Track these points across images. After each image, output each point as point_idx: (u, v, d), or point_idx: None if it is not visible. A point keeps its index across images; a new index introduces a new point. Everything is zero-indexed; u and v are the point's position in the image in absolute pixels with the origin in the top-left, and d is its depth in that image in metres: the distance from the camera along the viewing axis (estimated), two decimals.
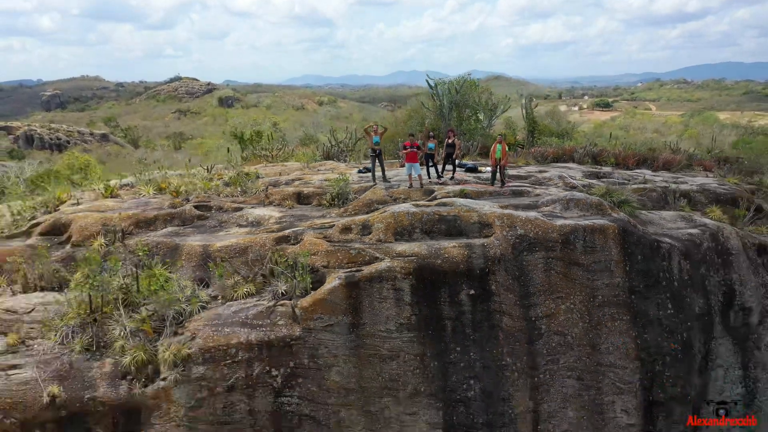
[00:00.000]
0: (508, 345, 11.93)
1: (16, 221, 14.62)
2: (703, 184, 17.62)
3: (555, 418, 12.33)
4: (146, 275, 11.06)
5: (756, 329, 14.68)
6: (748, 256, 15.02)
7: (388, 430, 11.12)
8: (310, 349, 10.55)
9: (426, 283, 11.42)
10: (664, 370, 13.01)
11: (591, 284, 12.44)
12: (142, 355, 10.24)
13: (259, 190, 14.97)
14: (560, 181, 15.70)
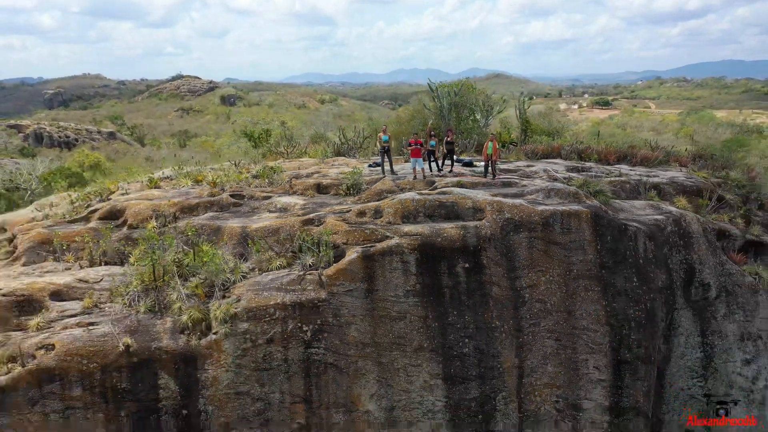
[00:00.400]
0: (497, 310, 14.29)
1: (75, 208, 16.95)
2: (673, 177, 19.97)
3: (536, 372, 14.70)
4: (197, 251, 13.41)
5: (713, 302, 17.02)
6: (707, 239, 17.36)
7: (396, 378, 13.49)
8: (333, 310, 12.91)
9: (428, 257, 13.78)
10: (630, 334, 15.36)
11: (567, 260, 14.80)
12: (197, 313, 12.60)
13: (284, 182, 17.35)
14: (545, 174, 18.06)
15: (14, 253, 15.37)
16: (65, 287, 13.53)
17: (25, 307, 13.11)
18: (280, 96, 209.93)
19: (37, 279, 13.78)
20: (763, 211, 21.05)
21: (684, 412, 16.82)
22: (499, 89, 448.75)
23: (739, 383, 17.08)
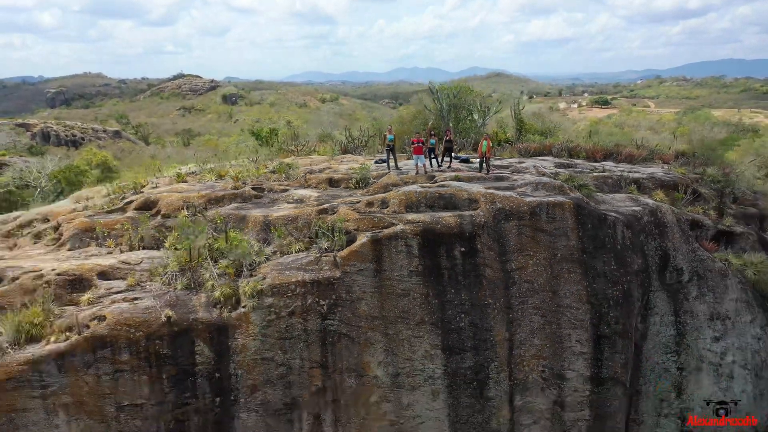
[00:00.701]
0: (489, 289, 16.20)
1: (112, 200, 18.85)
2: (652, 173, 21.88)
3: (525, 345, 16.62)
4: (226, 236, 15.32)
5: (686, 285, 18.93)
6: (681, 229, 19.28)
7: (401, 348, 15.41)
8: (346, 287, 14.82)
9: (429, 242, 15.69)
10: (609, 312, 17.27)
11: (552, 245, 16.71)
12: (227, 290, 14.52)
13: (300, 176, 19.25)
14: (534, 170, 19.96)
15: (60, 239, 17.29)
16: (110, 268, 15.44)
17: (76, 285, 15.03)
18: (281, 95, 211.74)
19: (84, 261, 15.69)
20: (736, 204, 23.00)
21: (659, 384, 18.74)
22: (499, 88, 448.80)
23: (708, 358, 18.99)
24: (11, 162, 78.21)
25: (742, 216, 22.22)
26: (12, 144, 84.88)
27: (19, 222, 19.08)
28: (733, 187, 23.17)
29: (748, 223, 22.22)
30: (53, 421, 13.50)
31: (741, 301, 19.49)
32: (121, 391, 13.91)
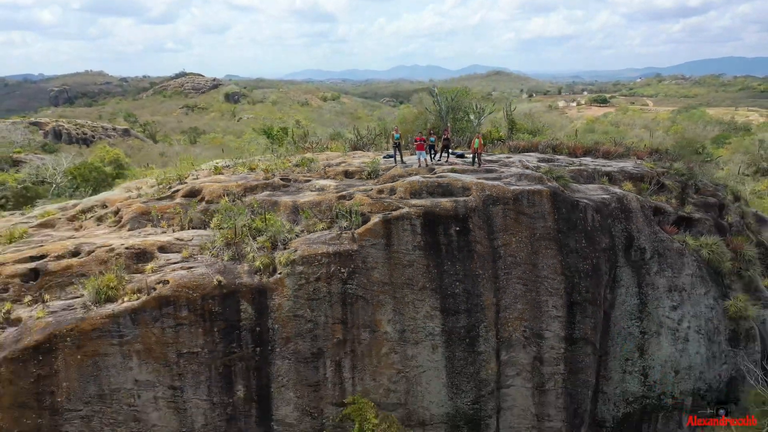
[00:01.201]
0: (479, 262, 19.63)
1: (160, 189, 22.25)
2: (623, 167, 25.31)
3: (509, 309, 20.05)
4: (263, 218, 18.75)
5: (648, 262, 22.36)
6: (644, 214, 22.71)
7: (406, 309, 18.84)
8: (362, 258, 18.25)
9: (429, 222, 19.12)
10: (580, 282, 20.71)
11: (532, 226, 20.15)
12: (266, 260, 17.94)
13: (319, 169, 22.68)
14: (519, 164, 23.38)
15: (120, 221, 20.72)
16: (167, 243, 18.88)
17: (140, 257, 18.48)
18: (283, 94, 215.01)
19: (145, 238, 19.14)
20: (698, 194, 26.41)
21: (624, 345, 22.15)
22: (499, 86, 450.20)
23: (667, 324, 22.43)
24: (27, 159, 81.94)
25: (703, 204, 25.64)
26: (27, 142, 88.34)
27: (80, 208, 22.51)
28: (696, 180, 26.57)
29: (708, 210, 25.63)
30: (128, 364, 16.94)
31: (696, 276, 22.94)
32: (181, 341, 17.34)
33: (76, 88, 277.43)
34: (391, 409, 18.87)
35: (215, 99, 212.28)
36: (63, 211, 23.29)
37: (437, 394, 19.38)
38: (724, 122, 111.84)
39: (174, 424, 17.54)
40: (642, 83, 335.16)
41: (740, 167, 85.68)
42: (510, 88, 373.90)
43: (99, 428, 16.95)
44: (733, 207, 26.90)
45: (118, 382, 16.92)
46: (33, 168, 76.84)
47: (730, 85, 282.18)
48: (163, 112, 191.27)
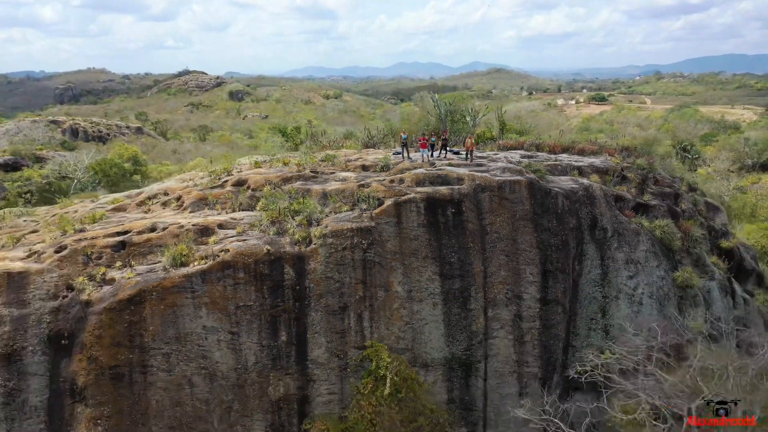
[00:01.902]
0: (470, 237, 24.86)
1: (212, 180, 27.45)
2: (592, 162, 30.53)
3: (495, 275, 25.28)
4: (301, 201, 23.97)
5: (609, 239, 27.57)
6: (606, 201, 27.93)
7: (413, 273, 24.06)
8: (378, 232, 23.48)
9: (431, 205, 24.33)
10: (552, 254, 25.93)
11: (513, 209, 25.36)
12: (303, 234, 23.17)
13: (341, 163, 27.90)
14: (504, 159, 28.60)
15: (182, 205, 25.95)
16: (224, 222, 24.11)
17: (203, 232, 23.70)
18: (286, 92, 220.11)
19: (206, 218, 24.37)
20: (656, 185, 31.62)
21: (589, 308, 27.33)
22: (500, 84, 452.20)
23: (625, 290, 27.65)
24: (49, 156, 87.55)
25: (659, 194, 30.88)
26: (47, 140, 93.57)
27: (145, 195, 27.73)
28: (655, 173, 31.78)
29: (664, 199, 30.87)
30: (198, 313, 22.16)
31: (649, 251, 28.18)
32: (238, 296, 22.57)
33: (80, 85, 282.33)
34: (401, 352, 24.12)
35: (219, 97, 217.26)
36: (129, 198, 28.51)
37: (437, 342, 24.64)
38: (714, 121, 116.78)
39: (232, 361, 22.78)
40: (641, 81, 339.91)
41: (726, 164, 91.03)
42: (510, 85, 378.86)
43: (176, 363, 22.19)
44: (687, 196, 32.13)
45: (191, 328, 22.16)
46: (56, 164, 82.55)
47: (727, 83, 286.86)
48: (168, 109, 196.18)
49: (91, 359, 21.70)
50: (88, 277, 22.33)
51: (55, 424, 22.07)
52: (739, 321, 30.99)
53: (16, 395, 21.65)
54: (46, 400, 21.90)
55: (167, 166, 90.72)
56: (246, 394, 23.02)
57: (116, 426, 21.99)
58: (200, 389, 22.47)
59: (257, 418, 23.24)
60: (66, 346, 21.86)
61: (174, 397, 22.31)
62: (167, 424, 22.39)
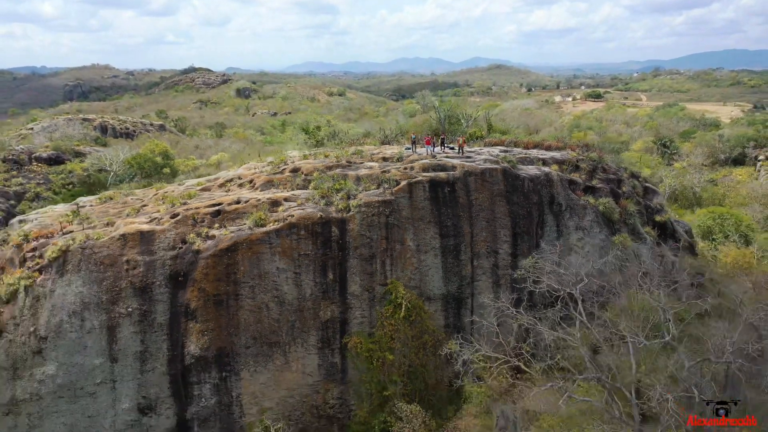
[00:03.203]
0: (461, 208, 35.60)
1: (274, 168, 38.08)
2: (553, 155, 41.21)
3: (478, 235, 36.02)
4: (343, 182, 34.68)
5: (563, 212, 38.28)
6: (561, 183, 38.62)
7: (420, 232, 34.80)
8: (396, 204, 34.23)
9: (433, 185, 35.07)
10: (519, 222, 36.65)
11: (491, 188, 36.10)
12: (344, 204, 33.90)
13: (367, 156, 38.53)
14: (487, 153, 39.27)
15: (254, 186, 36.63)
16: (288, 196, 34.82)
17: (274, 204, 34.38)
18: (292, 89, 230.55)
19: (275, 194, 35.04)
20: (604, 173, 42.26)
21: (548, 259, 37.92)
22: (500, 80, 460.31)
23: (574, 248, 38.25)
24: (86, 151, 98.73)
25: (605, 179, 41.53)
26: (83, 136, 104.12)
27: (223, 179, 38.37)
28: (603, 163, 42.42)
29: (609, 183, 41.52)
30: (273, 258, 32.83)
31: (594, 221, 38.87)
32: (300, 247, 33.23)
33: (89, 82, 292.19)
34: (411, 288, 34.82)
35: (226, 94, 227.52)
36: (209, 182, 39.17)
37: (437, 282, 35.36)
38: (694, 119, 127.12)
39: (295, 293, 33.44)
40: (637, 78, 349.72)
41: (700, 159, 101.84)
42: (510, 81, 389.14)
43: (258, 293, 32.88)
44: (628, 181, 42.82)
45: (268, 268, 32.83)
46: (94, 158, 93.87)
47: (722, 81, 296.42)
48: (177, 106, 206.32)
49: (200, 290, 32.37)
50: (196, 234, 32.98)
51: (173, 335, 32.76)
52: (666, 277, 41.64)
53: (148, 315, 32.28)
54: (168, 319, 32.53)
55: (193, 161, 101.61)
56: (304, 316, 33.74)
57: (216, 336, 32.71)
58: (274, 312, 33.19)
59: (312, 333, 33.95)
60: (182, 281, 32.50)
61: (256, 316, 33.02)
62: (251, 335, 33.10)
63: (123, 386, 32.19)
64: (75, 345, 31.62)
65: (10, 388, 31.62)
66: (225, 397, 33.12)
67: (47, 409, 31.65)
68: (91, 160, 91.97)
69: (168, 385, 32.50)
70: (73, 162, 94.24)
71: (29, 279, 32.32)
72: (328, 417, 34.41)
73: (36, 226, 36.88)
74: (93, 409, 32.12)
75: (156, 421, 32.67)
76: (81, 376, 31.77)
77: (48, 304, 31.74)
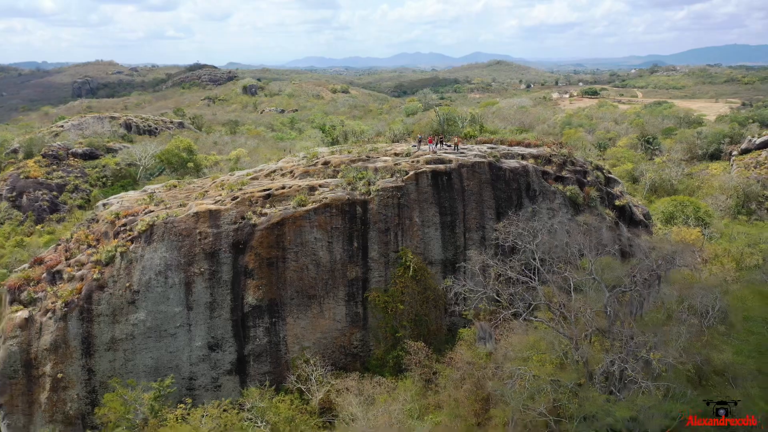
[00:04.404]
0: (456, 192, 46.54)
1: (308, 162, 48.86)
2: (531, 151, 52.01)
3: (469, 214, 46.94)
4: (362, 173, 45.51)
5: (537, 196, 49.18)
6: (536, 174, 49.51)
7: (424, 211, 45.72)
8: (406, 189, 45.14)
9: (434, 175, 45.98)
10: (501, 203, 47.58)
11: (480, 177, 47.01)
12: (366, 188, 44.78)
13: (382, 151, 49.28)
14: (477, 150, 50.04)
15: (294, 176, 47.43)
16: (322, 183, 45.68)
17: (312, 189, 45.23)
18: (297, 86, 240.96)
19: (311, 182, 45.85)
20: (572, 165, 53.06)
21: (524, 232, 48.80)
22: (500, 77, 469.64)
23: (543, 220, 49.08)
24: (117, 147, 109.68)
25: (573, 171, 52.32)
26: (112, 134, 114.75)
27: (268, 170, 49.13)
28: (572, 158, 53.20)
29: (576, 174, 52.29)
30: (312, 230, 43.69)
31: (562, 203, 49.68)
32: (332, 222, 44.07)
33: (96, 79, 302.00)
34: (417, 254, 45.64)
35: (233, 91, 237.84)
36: (256, 173, 49.92)
37: (437, 250, 46.21)
38: (679, 117, 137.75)
39: (328, 257, 44.24)
40: (635, 75, 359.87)
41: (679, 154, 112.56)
42: (510, 78, 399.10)
43: (300, 257, 43.69)
44: (592, 172, 53.56)
45: (308, 239, 43.65)
46: (125, 154, 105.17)
47: (717, 77, 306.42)
48: (186, 103, 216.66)
49: (256, 254, 43.15)
50: (252, 212, 43.74)
51: (235, 289, 43.54)
52: (624, 252, 52.43)
53: (216, 274, 43.04)
54: (231, 277, 43.31)
55: (214, 156, 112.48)
56: (335, 276, 44.54)
57: (268, 290, 43.50)
58: (312, 272, 44.01)
59: (340, 289, 44.76)
60: (241, 248, 43.28)
61: (298, 275, 43.82)
62: (295, 289, 43.90)
63: (196, 329, 42.92)
64: (160, 297, 42.30)
65: (110, 330, 42.35)
66: (274, 338, 43.92)
67: (138, 346, 42.33)
68: (122, 155, 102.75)
69: (231, 328, 43.27)
70: (105, 157, 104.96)
71: (123, 247, 43.07)
72: (352, 354, 45.25)
73: (121, 207, 47.72)
74: (173, 346, 42.81)
75: (221, 356, 43.45)
76: (164, 320, 42.45)
77: (139, 265, 42.45)
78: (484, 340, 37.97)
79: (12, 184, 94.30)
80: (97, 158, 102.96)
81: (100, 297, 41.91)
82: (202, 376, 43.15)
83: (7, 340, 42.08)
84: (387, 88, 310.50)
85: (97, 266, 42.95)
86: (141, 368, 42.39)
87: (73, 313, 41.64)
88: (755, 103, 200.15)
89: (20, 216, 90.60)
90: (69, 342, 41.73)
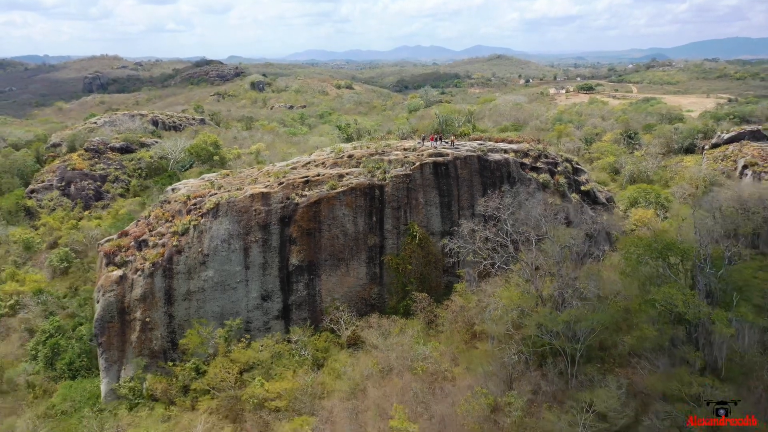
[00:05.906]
0: (452, 179, 61.09)
1: (336, 155, 63.22)
2: (512, 147, 66.48)
3: (462, 196, 61.49)
4: (378, 164, 59.97)
5: (517, 183, 63.69)
6: (516, 165, 64.07)
7: (428, 193, 60.31)
8: (413, 176, 59.69)
9: (436, 165, 60.54)
10: (488, 188, 62.05)
11: (470, 167, 61.56)
12: (383, 175, 59.29)
13: (394, 146, 63.55)
14: (468, 145, 64.38)
15: (326, 166, 61.91)
16: (348, 172, 60.18)
17: (341, 177, 59.70)
18: (304, 83, 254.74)
19: (341, 171, 60.24)
20: (546, 158, 67.47)
21: (507, 210, 63.28)
22: (500, 71, 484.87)
23: (524, 205, 63.48)
24: (148, 142, 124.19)
25: (546, 162, 66.73)
26: (143, 129, 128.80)
27: (303, 162, 63.53)
28: (546, 152, 67.56)
29: (548, 165, 66.68)
30: (341, 207, 58.22)
31: (536, 188, 64.09)
32: (356, 201, 58.60)
33: (105, 74, 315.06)
34: (422, 226, 60.10)
35: (241, 87, 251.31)
36: (294, 164, 64.30)
37: (437, 223, 60.74)
38: (661, 113, 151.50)
39: (353, 228, 58.75)
40: (632, 70, 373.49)
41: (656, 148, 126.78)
42: (510, 72, 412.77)
43: (332, 228, 58.20)
44: (562, 164, 67.93)
45: (338, 214, 58.18)
46: (158, 148, 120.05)
47: (710, 72, 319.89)
48: (196, 99, 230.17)
49: (298, 227, 57.64)
50: (295, 193, 58.13)
51: (282, 253, 58.04)
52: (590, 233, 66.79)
53: (267, 242, 57.58)
54: (279, 244, 57.82)
55: (237, 150, 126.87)
56: (358, 243, 59.01)
57: (307, 254, 57.99)
58: (341, 240, 58.48)
59: (362, 253, 59.24)
60: (287, 222, 57.77)
61: (331, 242, 58.27)
62: (328, 253, 58.37)
63: (252, 284, 57.42)
64: (224, 259, 56.75)
65: (186, 285, 56.80)
66: (311, 291, 58.43)
67: (208, 297, 56.83)
68: (155, 149, 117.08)
69: (278, 284, 57.78)
70: (140, 151, 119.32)
71: (195, 221, 57.47)
72: (371, 305, 59.77)
73: (188, 191, 62.06)
74: (235, 297, 57.34)
75: (271, 304, 57.98)
76: (228, 277, 56.93)
77: (208, 235, 56.88)
78: (470, 283, 52.50)
79: (61, 174, 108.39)
80: (133, 152, 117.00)
81: (179, 259, 56.26)
82: (256, 320, 57.60)
83: (106, 293, 56.61)
84: (389, 83, 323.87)
85: (175, 236, 57.34)
86: (210, 314, 56.78)
87: (158, 271, 56.04)
88: (740, 99, 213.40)
89: (69, 203, 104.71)
90: (155, 294, 56.15)
